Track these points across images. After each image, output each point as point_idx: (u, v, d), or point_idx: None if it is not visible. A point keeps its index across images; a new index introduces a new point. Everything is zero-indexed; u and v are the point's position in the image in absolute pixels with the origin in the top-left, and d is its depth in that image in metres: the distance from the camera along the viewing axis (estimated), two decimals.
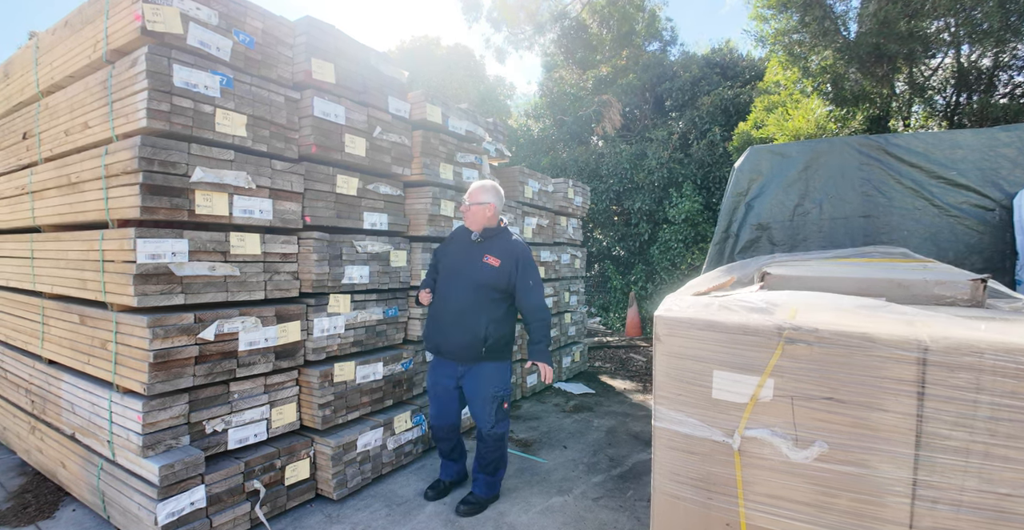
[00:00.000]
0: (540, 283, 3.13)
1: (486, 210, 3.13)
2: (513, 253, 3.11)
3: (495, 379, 3.15)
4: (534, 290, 3.08)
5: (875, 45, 7.90)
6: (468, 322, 3.07)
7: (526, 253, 3.14)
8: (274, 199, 3.07)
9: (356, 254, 3.54)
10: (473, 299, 3.08)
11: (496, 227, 3.21)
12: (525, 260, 3.11)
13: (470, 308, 3.08)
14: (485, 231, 3.18)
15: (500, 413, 3.17)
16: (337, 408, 3.37)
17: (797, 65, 8.51)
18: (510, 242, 3.18)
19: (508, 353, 3.25)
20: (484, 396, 3.14)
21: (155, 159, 2.50)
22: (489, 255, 3.12)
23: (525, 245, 3.19)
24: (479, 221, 3.16)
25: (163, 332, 2.57)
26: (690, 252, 8.26)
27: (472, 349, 3.08)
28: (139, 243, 2.49)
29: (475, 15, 15.08)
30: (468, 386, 3.19)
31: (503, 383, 3.18)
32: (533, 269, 3.12)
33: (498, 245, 3.15)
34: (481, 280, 3.08)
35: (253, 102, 2.95)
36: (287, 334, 3.16)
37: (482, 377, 3.14)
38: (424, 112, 3.95)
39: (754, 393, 1.67)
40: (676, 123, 9.92)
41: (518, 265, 3.09)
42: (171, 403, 2.67)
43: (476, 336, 3.06)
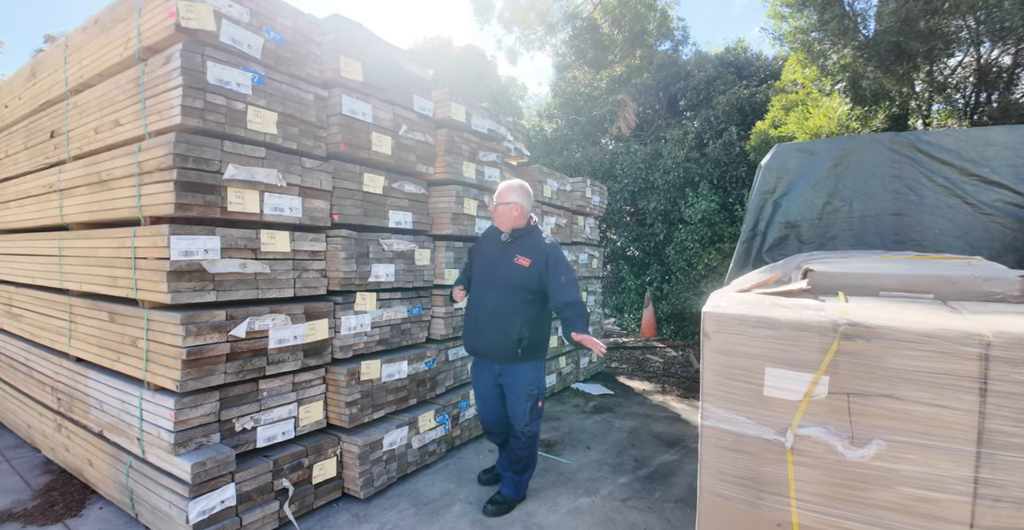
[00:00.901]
0: (574, 280, 3.06)
1: (513, 210, 3.10)
2: (543, 252, 3.07)
3: (530, 378, 3.15)
4: (567, 287, 3.01)
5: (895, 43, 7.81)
6: (502, 324, 3.06)
7: (556, 251, 3.10)
8: (303, 197, 3.07)
9: (382, 252, 3.53)
10: (506, 301, 3.07)
11: (525, 227, 3.17)
12: (555, 258, 3.07)
13: (503, 310, 3.07)
14: (514, 231, 3.16)
15: (534, 412, 3.17)
16: (363, 407, 3.36)
17: (815, 63, 8.44)
18: (539, 241, 3.14)
19: (542, 353, 3.23)
20: (519, 395, 3.14)
21: (189, 156, 2.50)
22: (519, 255, 3.09)
23: (555, 243, 3.16)
24: (507, 221, 3.13)
25: (196, 329, 2.56)
26: (707, 252, 8.19)
27: (507, 351, 3.07)
28: (173, 240, 2.49)
29: (487, 16, 15.08)
30: (506, 385, 3.20)
31: (537, 382, 3.17)
32: (564, 266, 3.07)
33: (528, 245, 3.12)
34: (512, 281, 3.06)
35: (283, 100, 2.95)
36: (315, 332, 3.15)
37: (518, 376, 3.14)
38: (448, 111, 3.94)
39: (808, 390, 1.63)
40: (691, 123, 9.86)
41: (548, 263, 3.05)
42: (202, 401, 2.67)
43: (510, 338, 3.04)
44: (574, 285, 3.04)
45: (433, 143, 3.93)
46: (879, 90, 8.18)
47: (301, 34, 3.07)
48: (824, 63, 8.58)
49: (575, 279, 3.07)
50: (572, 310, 2.99)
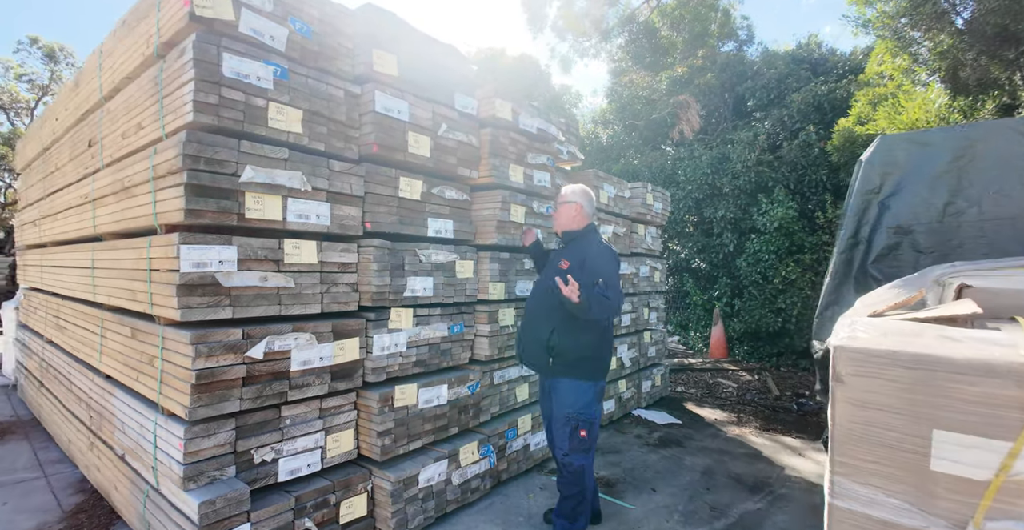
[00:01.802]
0: (611, 282, 2.66)
1: (570, 209, 2.92)
2: (582, 252, 2.80)
3: (569, 398, 2.78)
4: (605, 289, 2.64)
5: (1001, 26, 6.85)
6: (534, 328, 2.90)
7: (600, 252, 2.79)
8: (332, 203, 2.78)
9: (419, 264, 3.19)
10: (541, 304, 2.91)
11: (579, 229, 2.94)
12: (595, 258, 2.75)
13: (537, 313, 2.92)
14: (566, 234, 2.95)
15: (575, 440, 2.75)
16: (398, 437, 2.99)
17: (906, 52, 7.54)
18: (586, 243, 2.86)
19: (588, 372, 2.80)
20: (558, 416, 2.81)
21: (201, 156, 2.25)
22: (564, 258, 2.87)
23: (606, 247, 2.86)
24: (563, 222, 2.97)
25: (207, 350, 2.28)
26: (784, 264, 7.40)
27: (537, 358, 2.86)
28: (183, 250, 2.23)
29: (540, 26, 14.84)
30: (553, 403, 2.88)
31: (579, 405, 2.76)
32: (603, 269, 2.71)
33: (575, 247, 2.90)
34: (548, 284, 2.83)
35: (309, 96, 2.68)
36: (344, 352, 2.83)
37: (558, 394, 2.82)
38: (493, 108, 3.58)
39: (1003, 465, 1.09)
40: (761, 124, 9.09)
41: (584, 264, 2.73)
42: (216, 429, 2.38)
43: (539, 343, 2.82)
44: (611, 291, 2.63)
45: (476, 144, 3.58)
46: (984, 78, 7.19)
47: (330, 25, 2.80)
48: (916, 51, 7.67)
49: (617, 287, 2.68)
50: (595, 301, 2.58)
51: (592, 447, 2.81)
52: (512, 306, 3.75)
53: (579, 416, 2.74)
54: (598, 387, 2.81)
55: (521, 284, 3.82)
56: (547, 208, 3.96)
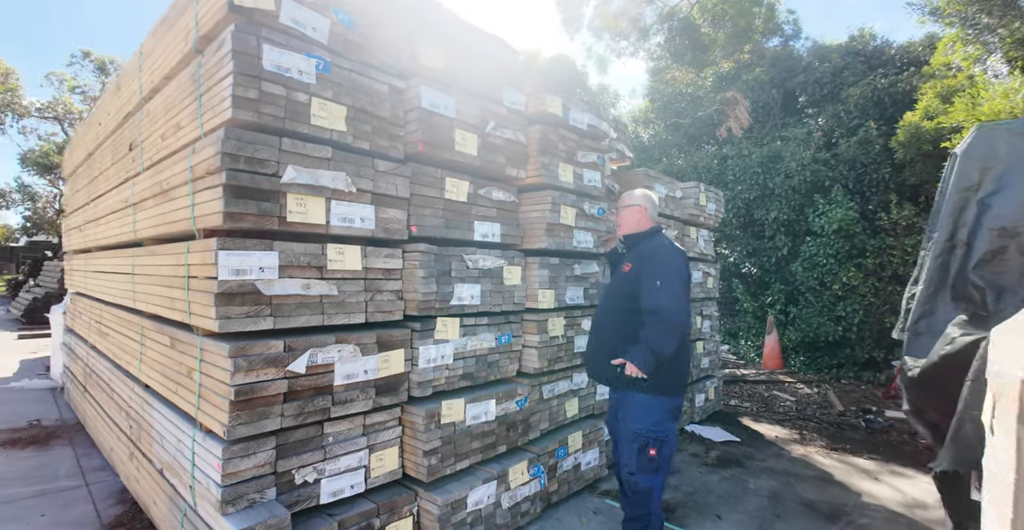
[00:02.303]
0: (674, 285, 2.48)
1: (635, 213, 2.81)
2: (644, 254, 2.65)
3: (638, 414, 2.58)
4: (661, 291, 2.48)
5: None
6: (599, 335, 2.77)
7: (663, 252, 2.62)
8: (376, 205, 2.60)
9: (466, 270, 2.98)
10: (606, 309, 2.79)
11: (642, 232, 2.81)
12: (657, 258, 2.58)
13: (602, 319, 2.79)
14: (629, 238, 2.84)
15: (643, 459, 2.52)
16: (445, 456, 2.78)
17: (979, 40, 6.98)
18: (649, 244, 2.72)
19: (661, 385, 2.56)
20: (625, 432, 2.62)
21: (240, 155, 2.09)
22: (627, 262, 2.74)
23: (668, 247, 2.67)
24: (626, 226, 2.85)
25: (246, 364, 2.12)
26: (844, 269, 6.92)
27: (605, 369, 2.68)
28: (221, 256, 2.07)
29: (576, 26, 14.63)
30: (620, 419, 2.67)
31: (649, 421, 2.54)
32: (664, 269, 2.53)
33: (638, 250, 2.75)
34: (612, 288, 2.75)
35: (353, 91, 2.51)
36: (389, 365, 2.64)
37: (625, 409, 2.62)
38: (543, 104, 3.36)
39: None
40: (814, 120, 8.60)
41: (644, 263, 2.59)
42: (256, 449, 2.21)
43: (604, 351, 2.67)
44: (672, 291, 2.47)
45: (525, 142, 3.35)
46: None
47: (373, 15, 2.63)
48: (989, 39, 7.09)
49: (677, 285, 2.49)
50: (650, 320, 2.48)
51: (662, 468, 2.55)
52: (562, 315, 3.51)
53: (649, 434, 2.51)
54: (673, 403, 2.57)
55: (571, 291, 3.58)
56: (598, 210, 3.71)
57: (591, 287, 3.77)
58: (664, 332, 2.44)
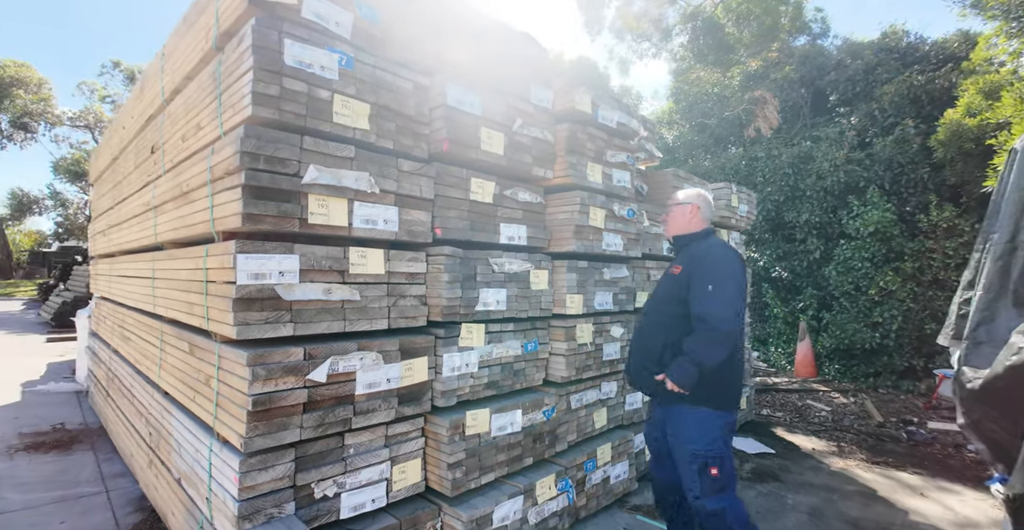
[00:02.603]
0: (726, 290, 2.28)
1: (685, 211, 2.60)
2: (695, 255, 2.45)
3: (692, 432, 2.36)
4: (712, 296, 2.28)
5: None
6: (645, 342, 2.55)
7: (712, 254, 2.41)
8: (400, 207, 2.49)
9: (492, 274, 2.86)
10: (652, 317, 2.58)
11: (693, 233, 2.60)
12: (708, 261, 2.38)
13: (648, 325, 2.58)
14: (678, 239, 2.63)
15: (707, 481, 2.30)
16: (469, 469, 2.66)
17: None
18: (701, 246, 2.51)
19: (714, 399, 2.37)
20: (680, 452, 2.40)
21: (260, 154, 2.00)
22: (676, 264, 2.54)
23: (721, 249, 2.45)
24: (676, 226, 2.65)
25: (265, 372, 2.02)
26: (881, 273, 6.63)
27: (646, 377, 2.50)
28: (239, 259, 1.98)
29: (597, 28, 14.50)
30: (669, 437, 2.46)
31: (704, 440, 2.33)
32: (716, 272, 2.33)
33: (688, 252, 2.54)
34: (660, 292, 2.57)
35: (376, 88, 2.41)
36: (412, 373, 2.53)
37: (677, 425, 2.41)
38: (572, 101, 3.23)
39: None
40: (846, 119, 8.31)
41: (695, 267, 2.39)
42: (274, 461, 2.12)
43: (650, 359, 2.48)
44: (724, 298, 2.27)
45: (552, 141, 3.23)
46: None
47: (397, 10, 2.53)
48: None
49: (731, 291, 2.29)
50: (698, 327, 2.31)
51: (730, 485, 2.34)
52: (591, 321, 3.36)
53: (707, 453, 2.31)
54: (727, 419, 2.36)
55: (600, 296, 3.43)
56: (628, 211, 3.56)
57: (620, 292, 3.62)
58: (711, 342, 2.26)
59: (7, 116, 24.11)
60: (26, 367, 7.63)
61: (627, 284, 3.69)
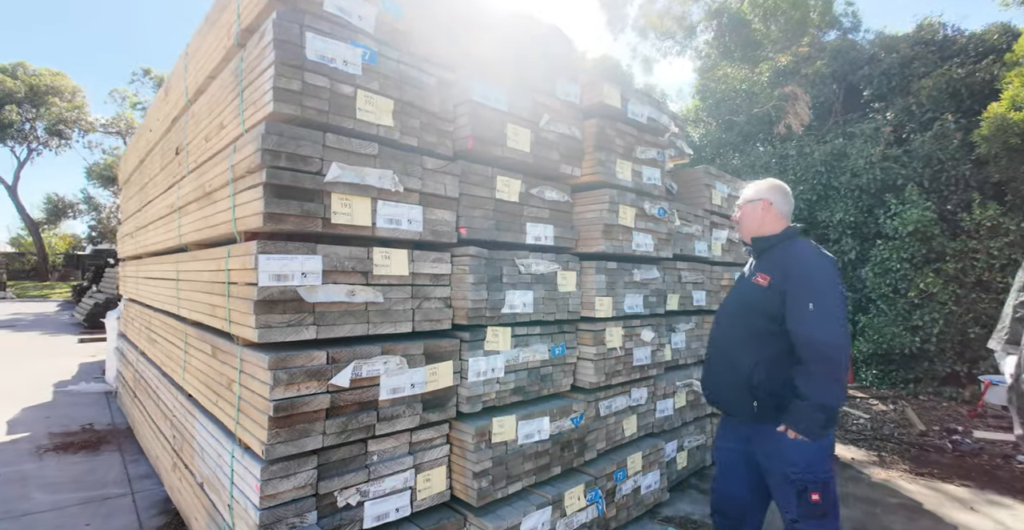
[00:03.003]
0: (830, 308, 2.00)
1: (757, 209, 2.29)
2: (784, 264, 2.14)
3: (791, 454, 2.10)
4: (815, 317, 1.99)
5: None
6: (729, 360, 2.26)
7: (806, 264, 2.09)
8: (424, 206, 2.41)
9: (518, 275, 2.76)
10: (734, 329, 2.28)
11: (776, 234, 2.26)
12: (802, 272, 2.07)
13: (731, 341, 2.28)
14: (757, 241, 2.29)
15: (806, 506, 2.07)
16: (496, 478, 2.56)
17: None
18: (788, 251, 2.19)
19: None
20: (776, 476, 2.16)
21: (282, 152, 1.94)
22: (761, 273, 2.22)
23: (815, 256, 2.13)
24: (750, 226, 2.33)
25: (287, 377, 1.96)
26: (921, 275, 6.34)
27: (736, 399, 2.23)
28: (261, 260, 1.92)
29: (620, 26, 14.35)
30: (759, 456, 2.22)
31: (804, 462, 2.08)
32: (816, 287, 2.04)
33: (773, 258, 2.22)
34: (742, 302, 2.29)
35: (400, 83, 2.34)
36: (437, 378, 2.44)
37: (771, 445, 2.15)
38: (600, 95, 3.11)
39: None
40: (881, 114, 8.01)
41: (788, 279, 2.09)
42: (296, 469, 2.05)
43: (738, 380, 2.20)
44: (828, 317, 1.98)
45: (580, 137, 3.12)
46: None
47: (421, 3, 2.46)
48: None
49: (834, 310, 2.00)
50: (812, 356, 2.00)
51: (833, 512, 2.11)
52: (620, 324, 3.23)
53: (807, 477, 2.07)
54: (827, 439, 2.11)
55: (630, 298, 3.30)
56: (659, 210, 3.43)
57: (651, 294, 3.48)
58: (828, 377, 1.97)
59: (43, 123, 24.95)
60: (58, 367, 7.80)
61: (658, 286, 3.56)
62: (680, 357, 4.00)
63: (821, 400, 1.97)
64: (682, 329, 4.00)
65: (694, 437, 3.96)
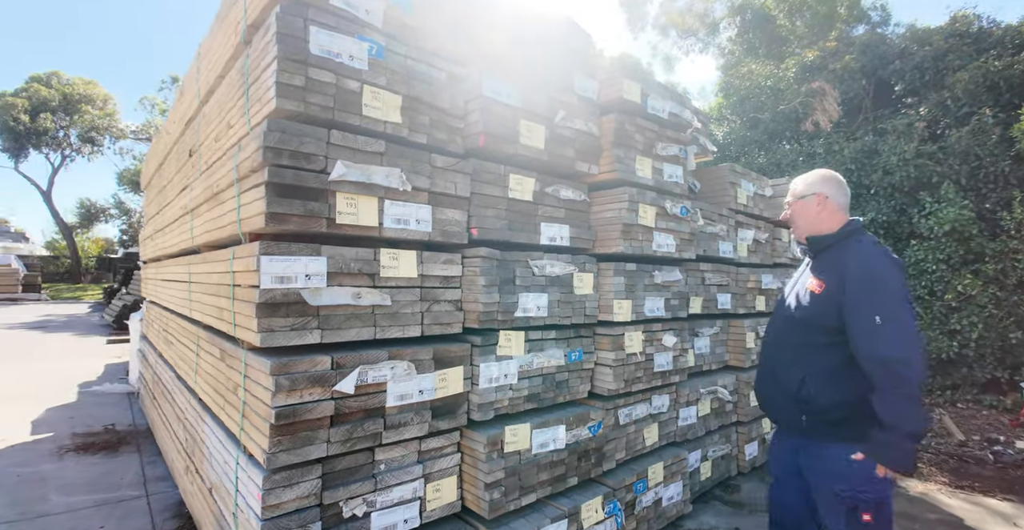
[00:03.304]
0: (899, 319, 1.78)
1: (811, 205, 2.07)
2: (841, 267, 1.92)
3: (841, 471, 1.93)
4: (883, 332, 1.77)
5: None
6: (779, 373, 2.12)
7: (869, 268, 1.87)
8: (434, 205, 2.33)
9: (532, 277, 2.65)
10: (785, 340, 2.13)
11: (834, 233, 2.04)
12: (862, 277, 1.86)
13: (781, 353, 2.14)
14: (813, 241, 2.08)
15: (854, 525, 1.91)
16: (509, 489, 2.45)
17: None
18: (847, 252, 1.97)
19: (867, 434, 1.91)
20: (823, 493, 2.01)
21: (284, 149, 1.87)
22: (816, 277, 2.02)
23: (878, 258, 1.90)
24: (803, 225, 2.12)
25: (289, 383, 1.88)
26: (959, 276, 6.04)
27: (786, 412, 2.10)
28: (263, 262, 1.85)
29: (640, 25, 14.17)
30: (806, 470, 2.08)
31: (855, 480, 1.90)
32: (881, 296, 1.82)
33: (831, 258, 2.02)
34: (794, 312, 2.08)
35: (408, 78, 2.26)
36: (447, 384, 2.35)
37: (821, 462, 2.00)
38: (619, 90, 2.99)
39: None
40: (915, 109, 7.69)
41: (846, 286, 1.88)
42: (299, 478, 1.97)
43: (787, 394, 2.05)
44: (899, 333, 1.76)
45: (597, 133, 3.00)
46: None
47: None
48: None
49: (904, 322, 1.78)
50: (883, 378, 1.77)
51: None
52: (640, 329, 3.10)
53: (857, 496, 1.89)
54: None
55: (651, 302, 3.17)
56: (681, 209, 3.29)
57: (673, 297, 3.35)
58: (908, 401, 1.73)
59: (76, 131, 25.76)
60: (85, 368, 7.95)
61: (680, 288, 3.42)
62: (704, 363, 3.84)
63: (909, 427, 1.74)
64: (706, 333, 3.85)
65: (719, 446, 3.80)
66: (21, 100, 24.24)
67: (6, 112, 23.95)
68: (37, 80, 25.09)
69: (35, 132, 24.70)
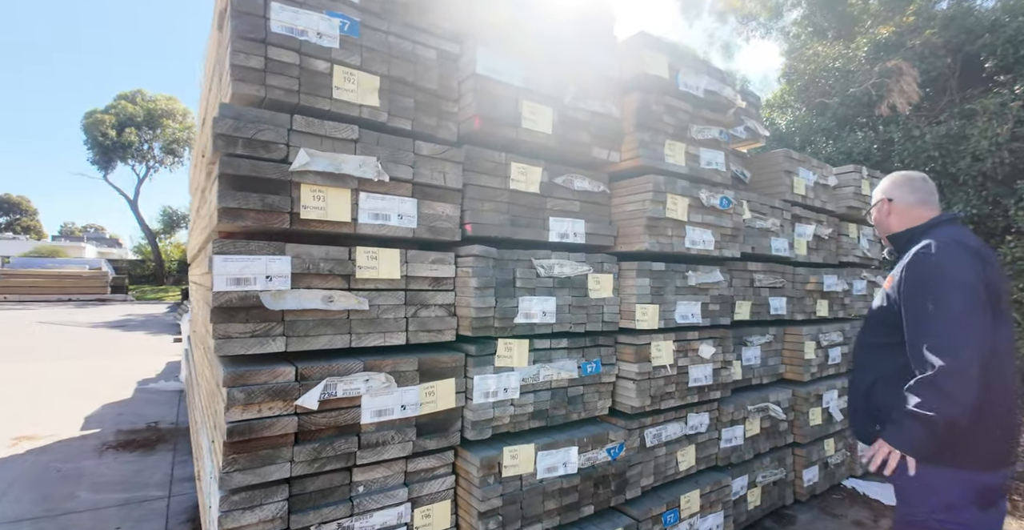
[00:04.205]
0: (951, 307, 1.62)
1: (881, 212, 2.08)
2: (906, 261, 1.81)
3: (911, 493, 1.76)
4: (931, 319, 1.64)
5: None
6: (854, 377, 2.07)
7: (927, 258, 1.73)
8: (419, 198, 2.09)
9: (536, 279, 2.35)
10: (861, 340, 2.08)
11: (901, 231, 1.99)
12: (918, 268, 1.74)
13: (857, 356, 2.10)
14: (892, 239, 2.05)
15: None
16: (507, 519, 2.16)
17: None
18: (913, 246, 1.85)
19: (957, 452, 1.67)
20: (896, 517, 1.85)
21: (238, 137, 1.69)
22: (890, 275, 1.97)
23: (943, 246, 1.73)
24: (880, 228, 2.13)
25: (244, 396, 1.70)
26: None
27: (858, 421, 2.02)
28: (216, 262, 1.67)
29: (695, 12, 13.44)
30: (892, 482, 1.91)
31: (927, 505, 1.70)
32: (933, 284, 1.68)
33: (903, 256, 1.93)
34: (871, 312, 2.04)
35: (389, 57, 2.03)
36: (435, 398, 2.10)
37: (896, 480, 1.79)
38: (642, 64, 2.63)
39: None
40: (1008, 88, 6.68)
41: (903, 279, 1.78)
42: (262, 499, 1.78)
43: (858, 401, 1.99)
44: (946, 320, 1.61)
45: (618, 115, 2.66)
46: None
47: None
48: None
49: (955, 309, 1.61)
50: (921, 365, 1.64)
51: None
52: (670, 337, 2.72)
53: (929, 522, 1.68)
54: (978, 481, 1.66)
55: (683, 306, 2.78)
56: (722, 200, 2.87)
57: (712, 302, 2.94)
58: (937, 387, 1.58)
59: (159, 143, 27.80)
60: (148, 365, 8.37)
61: (722, 291, 2.99)
62: (754, 376, 3.39)
63: (923, 410, 1.59)
64: (756, 343, 3.39)
65: (770, 471, 3.33)
66: (109, 117, 26.48)
67: (95, 128, 26.24)
68: (124, 98, 27.32)
69: (121, 145, 26.88)
